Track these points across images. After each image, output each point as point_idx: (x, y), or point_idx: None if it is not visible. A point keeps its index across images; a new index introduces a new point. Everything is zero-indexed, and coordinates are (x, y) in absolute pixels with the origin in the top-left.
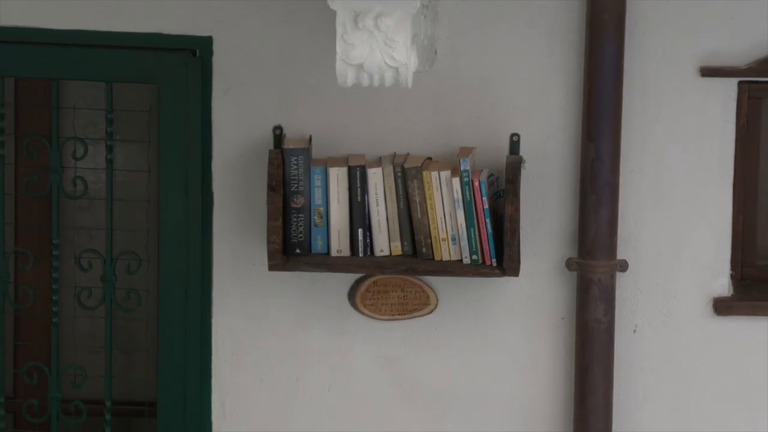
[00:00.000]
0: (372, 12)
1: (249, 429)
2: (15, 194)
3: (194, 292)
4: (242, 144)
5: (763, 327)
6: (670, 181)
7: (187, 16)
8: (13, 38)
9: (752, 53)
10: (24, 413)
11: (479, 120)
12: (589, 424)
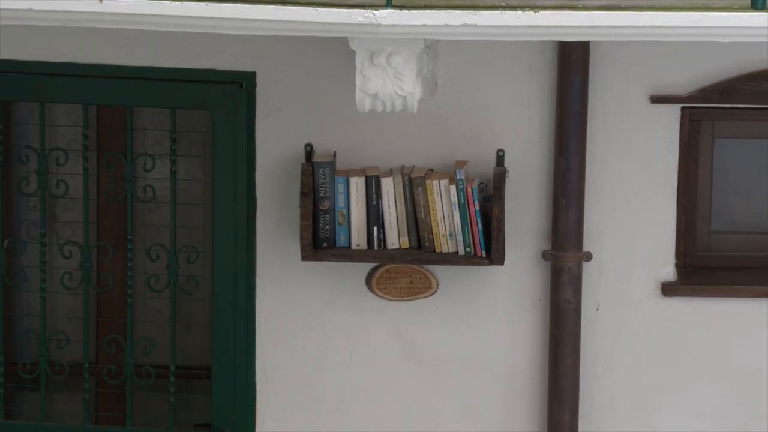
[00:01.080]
0: (384, 52)
1: (285, 388)
2: (97, 199)
3: (241, 278)
4: (280, 158)
5: (701, 305)
6: (626, 188)
7: (235, 55)
8: (95, 73)
9: (692, 84)
10: (104, 376)
11: (471, 138)
12: (560, 385)
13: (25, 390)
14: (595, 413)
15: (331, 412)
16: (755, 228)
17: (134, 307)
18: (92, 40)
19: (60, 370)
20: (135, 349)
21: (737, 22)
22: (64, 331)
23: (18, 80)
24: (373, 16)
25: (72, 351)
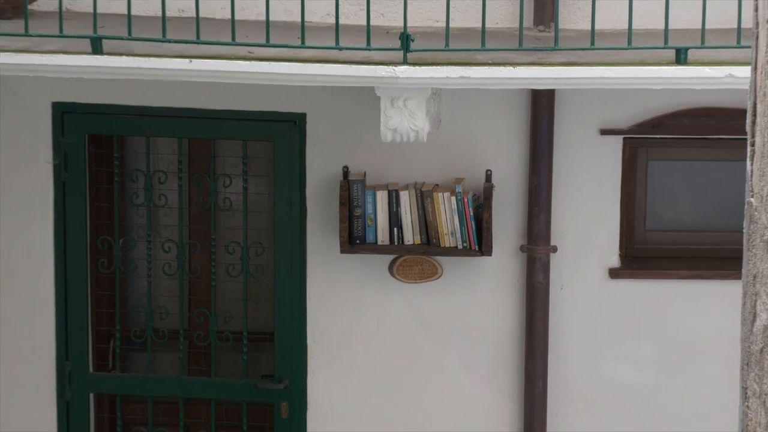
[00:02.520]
0: (402, 97)
1: (328, 348)
2: (189, 209)
3: (295, 266)
4: (323, 177)
5: (638, 285)
6: (583, 198)
7: (290, 100)
8: (186, 114)
9: (631, 120)
10: (194, 339)
11: (466, 161)
12: (534, 344)
13: (135, 350)
14: (560, 365)
15: (363, 366)
16: (679, 227)
17: (216, 288)
18: (184, 89)
19: (161, 336)
20: (217, 319)
21: (665, 74)
22: (165, 306)
23: (129, 120)
24: (393, 71)
25: (170, 321)
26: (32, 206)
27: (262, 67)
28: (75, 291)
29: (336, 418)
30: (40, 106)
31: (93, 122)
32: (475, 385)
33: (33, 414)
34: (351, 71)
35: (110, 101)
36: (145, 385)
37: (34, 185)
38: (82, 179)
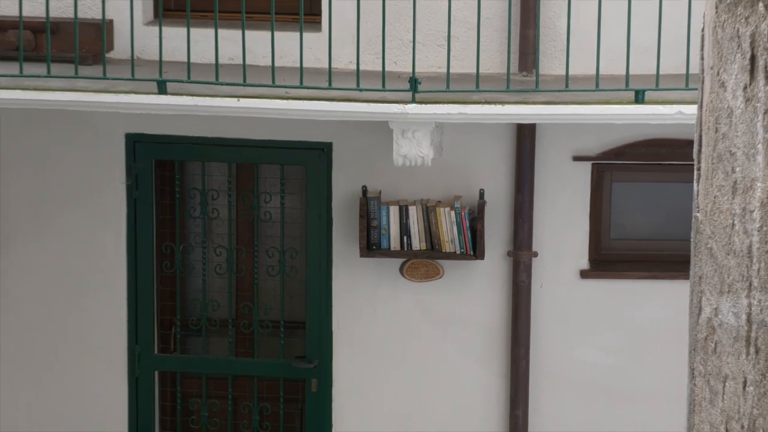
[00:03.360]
0: (411, 129)
1: (350, 334)
2: (236, 220)
3: (323, 267)
4: (346, 194)
5: (604, 284)
6: (558, 212)
7: (319, 132)
8: (234, 143)
9: (599, 149)
10: (240, 327)
11: (463, 182)
12: (519, 334)
13: (192, 336)
14: (539, 349)
15: (378, 348)
16: (638, 237)
17: (258, 285)
18: (233, 123)
19: (214, 324)
20: (259, 310)
21: (626, 111)
22: (216, 300)
23: (188, 148)
24: (403, 108)
25: (221, 312)
26: (109, 218)
27: (297, 105)
28: (143, 287)
29: (356, 391)
30: (115, 137)
31: (159, 150)
32: (470, 365)
33: (109, 388)
34: (369, 108)
35: (173, 132)
36: (200, 365)
37: (111, 201)
38: (150, 196)
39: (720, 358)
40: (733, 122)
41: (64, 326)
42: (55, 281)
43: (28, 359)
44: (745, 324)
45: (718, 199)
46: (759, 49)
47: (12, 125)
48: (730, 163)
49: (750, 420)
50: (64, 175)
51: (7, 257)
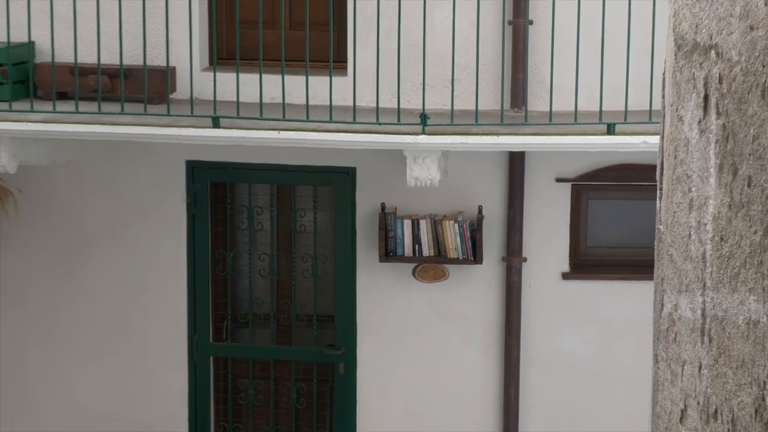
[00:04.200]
0: (421, 156)
1: (371, 327)
2: (277, 232)
3: (349, 271)
4: (368, 210)
5: (582, 284)
6: (543, 224)
7: (345, 158)
8: (275, 168)
9: (577, 172)
10: (280, 320)
11: (465, 199)
12: (511, 326)
13: (240, 327)
14: (528, 339)
15: (394, 338)
16: (610, 245)
17: (295, 285)
18: (274, 151)
19: (258, 317)
20: (296, 306)
21: (600, 141)
22: (261, 297)
23: (237, 172)
24: (415, 139)
25: (264, 308)
26: (172, 230)
27: (327, 136)
28: (200, 286)
29: (376, 373)
30: (177, 163)
31: (213, 173)
32: (471, 351)
33: (172, 371)
34: (386, 139)
35: (225, 159)
36: (247, 351)
37: (174, 216)
38: (206, 212)
39: (679, 346)
40: (690, 150)
41: (135, 319)
42: (127, 282)
43: (104, 347)
44: (700, 318)
45: (677, 214)
46: (711, 90)
47: (92, 154)
48: (687, 184)
49: (705, 397)
50: (134, 194)
51: (89, 262)
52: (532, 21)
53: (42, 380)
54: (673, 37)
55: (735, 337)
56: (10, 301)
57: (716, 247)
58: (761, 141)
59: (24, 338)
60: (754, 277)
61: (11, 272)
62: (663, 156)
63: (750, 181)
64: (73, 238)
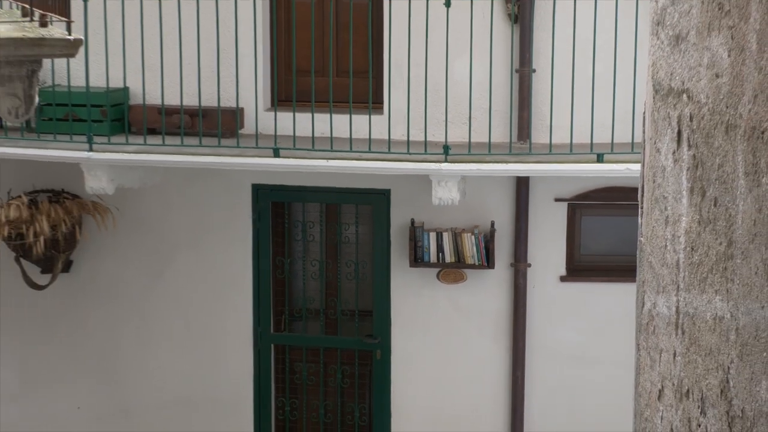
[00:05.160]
0: (444, 180)
1: (403, 320)
2: (325, 242)
3: (385, 274)
4: (400, 224)
5: (577, 285)
6: (545, 236)
7: (382, 182)
8: (325, 190)
9: (572, 193)
10: (329, 314)
11: (480, 216)
12: (518, 320)
13: (296, 320)
14: (532, 331)
15: (421, 330)
16: (600, 253)
17: (341, 286)
18: (324, 176)
19: (310, 312)
20: (341, 303)
21: (591, 168)
22: (312, 296)
23: (294, 193)
24: (439, 166)
25: (315, 304)
26: (241, 241)
27: (366, 164)
28: (263, 287)
29: (407, 358)
30: (244, 186)
31: (274, 194)
32: (484, 341)
33: (240, 356)
34: (416, 166)
35: (283, 183)
36: (301, 340)
37: (242, 230)
38: (267, 226)
39: (657, 337)
40: (666, 176)
41: (210, 313)
42: (204, 283)
43: (184, 336)
44: (674, 314)
45: (655, 228)
46: (683, 126)
47: (175, 179)
48: (663, 204)
49: (678, 380)
50: (210, 211)
51: (172, 267)
52: (534, 69)
53: (134, 361)
54: (651, 83)
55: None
56: (108, 298)
57: (688, 256)
58: (725, 168)
59: (120, 328)
60: (720, 280)
61: (110, 274)
62: (644, 180)
63: (716, 202)
64: (159, 247)
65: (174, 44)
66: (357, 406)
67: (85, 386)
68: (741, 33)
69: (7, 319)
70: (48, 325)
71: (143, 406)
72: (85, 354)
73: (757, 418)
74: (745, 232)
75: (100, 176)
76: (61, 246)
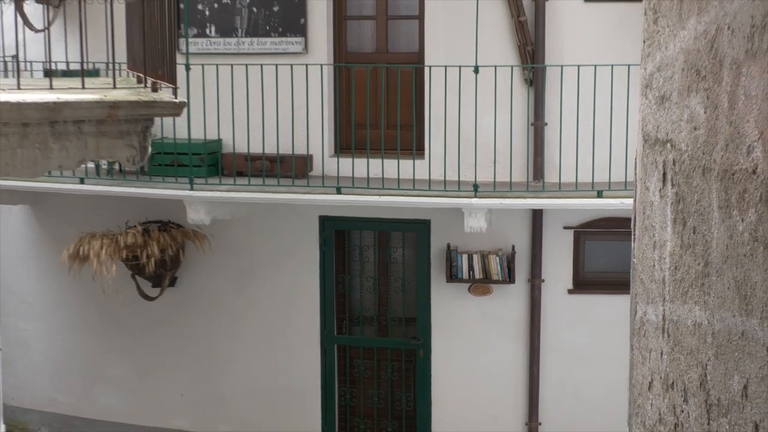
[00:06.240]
0: (474, 212)
1: (442, 325)
2: (378, 262)
3: (426, 288)
4: (439, 248)
5: (583, 297)
6: (555, 258)
7: (423, 214)
8: (378, 220)
9: (577, 222)
10: (380, 320)
11: (503, 240)
12: (533, 325)
13: (354, 325)
14: (545, 334)
15: (456, 333)
16: (600, 270)
17: (390, 298)
18: (376, 209)
19: (366, 319)
20: (391, 311)
21: (592, 203)
22: (368, 306)
23: (352, 223)
24: (470, 201)
25: (370, 312)
26: (310, 261)
27: (411, 200)
28: (328, 298)
29: (444, 356)
30: (313, 217)
31: (336, 224)
32: (506, 342)
33: (309, 355)
34: (451, 201)
35: (344, 215)
36: (359, 341)
37: (311, 253)
38: (332, 250)
39: (647, 339)
40: (653, 209)
41: (286, 319)
42: (281, 295)
43: (265, 337)
44: (661, 320)
45: (645, 251)
46: (668, 169)
47: (258, 212)
48: (651, 232)
49: (665, 374)
50: (285, 237)
51: (256, 282)
52: (546, 123)
53: (225, 358)
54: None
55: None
56: (205, 307)
57: (672, 274)
58: (702, 203)
59: (214, 330)
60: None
61: (207, 289)
62: (635, 213)
63: (694, 230)
64: (246, 266)
65: (257, 104)
66: (404, 394)
67: (186, 377)
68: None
69: (126, 324)
70: (157, 328)
71: (232, 393)
72: (186, 351)
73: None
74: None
75: (199, 210)
76: (168, 265)
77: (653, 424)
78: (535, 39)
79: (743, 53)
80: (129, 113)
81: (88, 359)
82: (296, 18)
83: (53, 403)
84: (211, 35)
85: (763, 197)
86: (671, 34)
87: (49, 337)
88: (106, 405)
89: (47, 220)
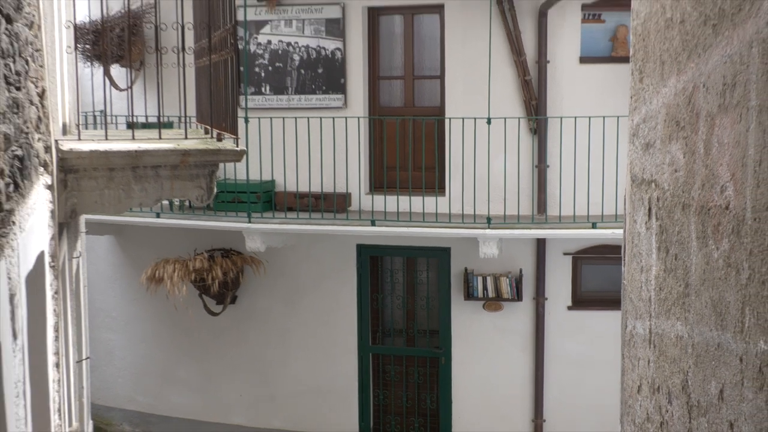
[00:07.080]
0: (488, 240)
1: (460, 337)
2: (406, 283)
3: (447, 305)
4: (458, 271)
5: (581, 313)
6: (556, 279)
7: (444, 242)
8: (404, 248)
9: (575, 248)
10: (408, 332)
11: (511, 264)
12: (538, 336)
13: (387, 336)
14: (549, 344)
15: (471, 343)
16: (596, 290)
17: (416, 313)
18: (405, 239)
19: (396, 331)
20: (417, 324)
21: (588, 233)
22: (397, 320)
23: (385, 250)
24: (484, 231)
25: (399, 325)
26: (349, 282)
27: (434, 231)
28: (364, 313)
29: (463, 363)
30: (351, 246)
31: (371, 251)
32: (514, 351)
33: (348, 361)
34: (468, 232)
35: (377, 243)
36: (390, 350)
37: (349, 276)
38: (367, 273)
39: (636, 349)
40: (640, 239)
41: (328, 331)
42: (324, 311)
43: (310, 346)
44: (648, 333)
45: (633, 275)
46: (652, 205)
47: (305, 241)
48: (639, 258)
49: (652, 379)
50: (328, 262)
51: (303, 300)
52: (548, 165)
53: (277, 364)
54: (629, 175)
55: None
56: (260, 321)
57: (657, 294)
58: (682, 234)
59: (268, 340)
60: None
61: (262, 307)
62: (625, 241)
63: (676, 257)
64: (294, 287)
65: (305, 150)
66: (429, 395)
67: (245, 380)
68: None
69: (194, 336)
70: (220, 339)
71: (284, 394)
72: (245, 358)
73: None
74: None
75: (255, 239)
76: (230, 286)
77: (642, 422)
78: (538, 95)
79: (716, 107)
80: (198, 159)
81: (162, 364)
82: (337, 78)
83: (133, 402)
84: (266, 93)
85: (734, 229)
86: (654, 91)
87: (129, 346)
88: (177, 403)
89: (129, 248)
